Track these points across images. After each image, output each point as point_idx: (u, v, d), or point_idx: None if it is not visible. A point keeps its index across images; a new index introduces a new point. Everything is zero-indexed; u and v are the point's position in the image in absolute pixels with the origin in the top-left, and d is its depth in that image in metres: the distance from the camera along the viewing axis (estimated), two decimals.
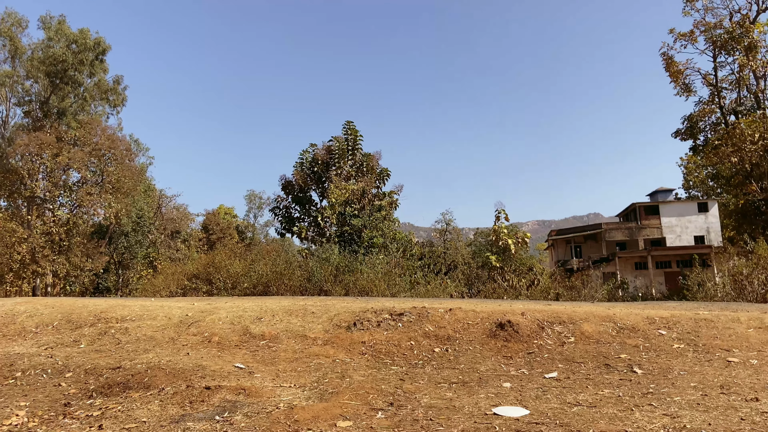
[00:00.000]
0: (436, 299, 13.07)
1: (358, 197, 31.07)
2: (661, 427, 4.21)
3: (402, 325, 7.72)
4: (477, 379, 5.88)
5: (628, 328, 7.46)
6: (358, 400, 4.95)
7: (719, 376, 5.81)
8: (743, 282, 16.58)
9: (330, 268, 18.14)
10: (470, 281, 26.09)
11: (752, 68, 38.30)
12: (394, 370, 6.28)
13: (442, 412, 4.62)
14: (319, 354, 6.84)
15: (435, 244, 37.89)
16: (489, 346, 7.07)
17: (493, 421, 4.36)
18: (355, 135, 34.07)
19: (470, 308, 8.36)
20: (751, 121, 35.83)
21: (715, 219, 50.25)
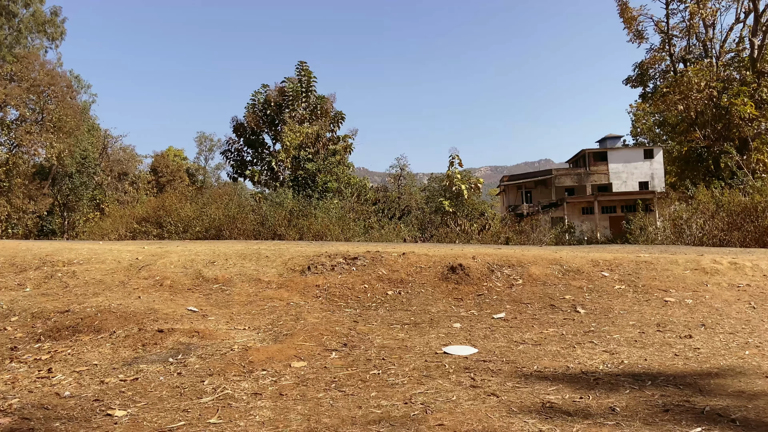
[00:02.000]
0: (390, 243, 13.21)
1: (312, 141, 30.61)
2: (601, 363, 4.45)
3: (356, 268, 7.80)
4: (428, 320, 6.04)
5: (574, 270, 7.76)
6: (313, 342, 5.02)
7: (656, 315, 6.15)
8: (682, 226, 17.38)
9: (284, 212, 18.00)
10: (424, 226, 26.44)
11: (702, 16, 38.88)
12: (347, 312, 6.38)
13: (394, 351, 4.74)
14: (273, 297, 6.86)
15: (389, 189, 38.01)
16: (441, 289, 7.24)
17: (443, 359, 4.52)
18: (309, 76, 33.20)
19: (423, 252, 8.49)
20: (698, 70, 36.69)
21: (659, 165, 52.08)
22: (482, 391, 3.71)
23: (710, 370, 4.24)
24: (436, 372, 4.16)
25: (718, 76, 36.93)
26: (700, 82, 35.73)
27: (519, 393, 3.66)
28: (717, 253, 8.92)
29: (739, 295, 6.88)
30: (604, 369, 4.27)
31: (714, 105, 36.17)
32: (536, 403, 3.45)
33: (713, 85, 35.84)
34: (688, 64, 40.25)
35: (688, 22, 40.23)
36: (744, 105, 33.95)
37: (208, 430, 3.09)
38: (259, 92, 33.65)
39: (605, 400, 3.52)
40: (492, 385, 3.83)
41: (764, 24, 36.57)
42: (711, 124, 36.74)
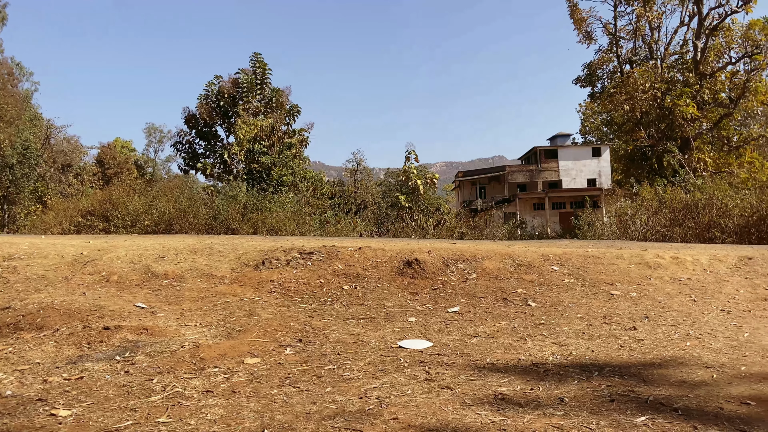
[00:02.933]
0: (346, 238, 13.19)
1: (267, 134, 30.19)
2: (550, 355, 4.56)
3: (311, 263, 7.75)
4: (384, 314, 6.06)
5: (525, 264, 7.92)
6: (266, 338, 4.96)
7: (603, 308, 6.35)
8: (627, 222, 18.01)
9: (237, 206, 17.71)
10: (380, 220, 26.51)
11: (648, 19, 40.24)
12: (303, 307, 6.33)
13: (349, 346, 4.74)
14: (226, 293, 6.74)
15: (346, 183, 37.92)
16: (396, 283, 7.28)
17: (399, 353, 4.54)
18: (264, 68, 32.70)
19: (379, 247, 8.51)
20: (644, 71, 37.98)
21: (606, 163, 53.73)
22: (437, 384, 3.75)
23: (653, 361, 4.41)
24: (392, 366, 4.18)
25: (663, 77, 38.34)
26: (646, 83, 37.00)
27: (472, 385, 3.72)
28: (660, 248, 9.26)
29: (681, 288, 7.17)
30: (554, 360, 4.38)
31: (658, 105, 37.54)
32: (489, 395, 3.51)
33: (658, 86, 37.18)
34: (635, 65, 41.62)
35: (634, 25, 41.60)
36: (686, 106, 35.35)
37: (158, 429, 3.02)
38: (212, 83, 32.94)
39: (554, 390, 3.62)
40: (446, 378, 3.88)
41: (707, 27, 38.15)
42: (655, 124, 38.12)
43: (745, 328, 5.61)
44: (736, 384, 3.79)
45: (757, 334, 5.43)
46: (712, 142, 38.79)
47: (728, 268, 7.80)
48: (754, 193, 16.02)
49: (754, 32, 35.99)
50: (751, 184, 19.71)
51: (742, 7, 36.44)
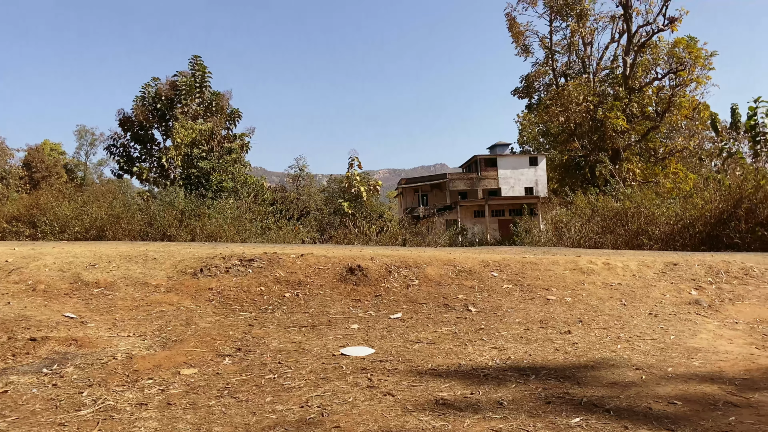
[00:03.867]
0: (288, 245, 13.03)
1: (206, 138, 29.50)
2: (490, 359, 4.65)
3: (252, 270, 7.61)
4: (326, 321, 6.02)
5: (466, 270, 8.06)
6: (204, 347, 4.83)
7: (539, 313, 6.54)
8: (563, 229, 18.63)
9: (175, 212, 17.18)
10: (322, 227, 26.35)
11: (581, 35, 41.98)
12: (242, 316, 6.20)
13: (291, 354, 4.68)
14: (161, 301, 6.52)
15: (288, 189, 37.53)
16: (339, 290, 7.25)
17: (341, 361, 4.52)
18: (204, 71, 32.00)
19: (322, 254, 8.46)
20: (578, 84, 39.56)
21: (543, 172, 55.51)
22: (379, 391, 3.75)
23: (587, 363, 4.57)
24: (334, 374, 4.15)
25: (595, 91, 40.05)
26: (579, 96, 38.54)
27: (414, 391, 3.74)
28: (593, 255, 9.63)
29: (612, 293, 7.47)
30: (493, 365, 4.47)
31: (591, 118, 39.15)
32: (430, 401, 3.54)
33: (590, 99, 38.79)
34: (569, 78, 43.28)
35: (569, 40, 43.29)
36: (617, 118, 37.05)
37: None
38: (149, 85, 31.94)
39: (494, 394, 3.69)
40: (388, 385, 3.88)
41: (636, 44, 40.14)
42: (588, 136, 39.73)
43: (671, 331, 5.91)
44: (663, 384, 3.98)
45: (682, 336, 5.73)
46: (641, 153, 40.77)
47: (655, 274, 8.19)
48: (678, 202, 16.91)
49: (679, 50, 38.16)
50: (675, 193, 20.85)
51: (667, 26, 38.59)
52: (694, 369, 4.42)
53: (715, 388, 3.86)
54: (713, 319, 6.49)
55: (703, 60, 37.85)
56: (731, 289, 7.47)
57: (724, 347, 5.30)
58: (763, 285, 7.56)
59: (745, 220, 13.82)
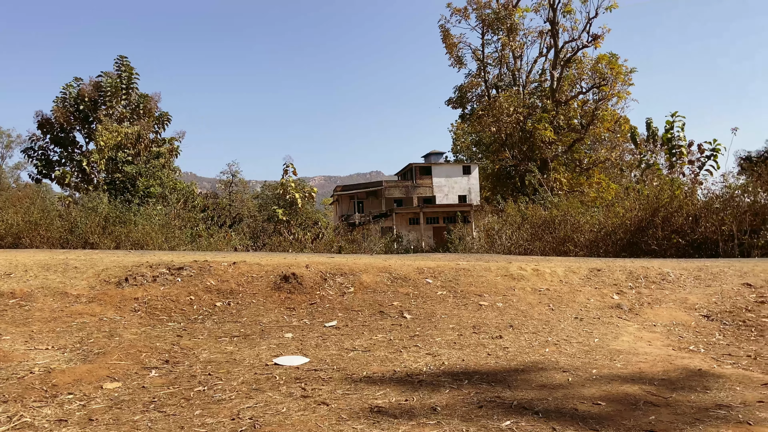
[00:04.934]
0: (220, 253, 12.70)
1: (132, 142, 28.38)
2: (424, 365, 4.69)
3: (181, 279, 7.35)
4: (259, 331, 5.89)
5: (401, 277, 8.11)
6: (129, 360, 4.61)
7: (472, 318, 6.66)
8: (494, 236, 19.13)
9: (98, 218, 16.39)
10: (256, 234, 25.86)
11: (512, 48, 43.44)
12: (171, 326, 5.98)
13: (221, 365, 4.54)
14: (83, 312, 6.19)
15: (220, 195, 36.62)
16: (273, 299, 7.12)
17: (274, 371, 4.43)
18: (130, 72, 30.81)
19: (255, 261, 8.29)
20: (508, 96, 40.88)
21: (475, 181, 56.85)
22: (313, 400, 3.70)
23: (517, 367, 4.69)
24: (266, 384, 4.06)
25: (525, 103, 41.51)
26: (510, 108, 39.82)
27: (349, 400, 3.71)
28: (523, 261, 9.93)
29: (541, 298, 7.72)
30: (427, 371, 4.51)
31: (521, 129, 40.52)
32: (365, 408, 3.52)
33: (520, 111, 40.17)
34: (500, 90, 44.65)
35: (500, 53, 44.69)
36: (545, 130, 38.53)
37: None
38: (70, 85, 30.43)
39: (428, 400, 3.71)
40: (323, 394, 3.84)
41: (562, 59, 41.93)
42: (518, 146, 41.09)
43: (595, 334, 6.16)
44: (588, 386, 4.13)
45: (606, 339, 5.98)
46: (567, 163, 42.54)
47: (581, 279, 8.54)
48: (601, 210, 17.73)
49: (602, 66, 40.19)
50: (599, 202, 21.87)
51: (591, 43, 40.57)
52: (616, 370, 4.62)
53: (636, 389, 4.05)
54: (634, 322, 6.83)
55: (623, 76, 40.02)
56: (650, 294, 7.88)
57: (643, 349, 5.57)
58: (678, 289, 8.02)
59: (662, 227, 14.65)
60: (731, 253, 13.41)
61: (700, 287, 8.03)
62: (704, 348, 5.79)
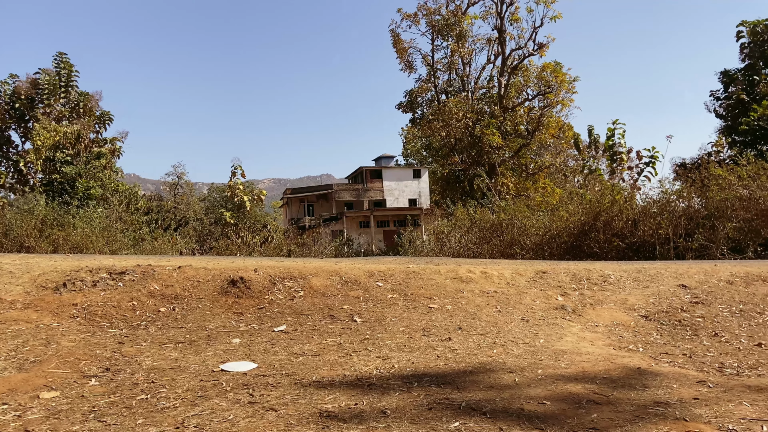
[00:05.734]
0: (165, 256, 12.35)
1: (72, 142, 27.28)
2: (374, 368, 4.69)
3: (123, 284, 7.10)
4: (206, 337, 5.76)
5: (352, 281, 8.09)
6: (68, 368, 4.42)
7: (422, 321, 6.71)
8: (444, 239, 19.36)
9: (34, 221, 15.66)
10: (202, 238, 25.30)
11: (461, 54, 44.15)
12: (112, 333, 5.76)
13: (165, 373, 4.41)
14: (18, 319, 5.89)
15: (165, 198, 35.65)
16: (220, 303, 6.97)
17: (221, 377, 4.33)
18: (70, 70, 29.66)
19: (201, 265, 8.10)
20: (458, 101, 41.52)
21: (425, 185, 57.39)
22: (261, 406, 3.64)
23: (466, 369, 4.75)
24: (213, 391, 3.97)
25: (473, 108, 42.25)
26: (459, 113, 40.45)
27: (298, 405, 3.67)
28: (471, 264, 10.08)
29: (489, 300, 7.86)
30: (377, 374, 4.51)
31: (470, 134, 41.21)
32: (314, 413, 3.49)
33: (469, 116, 40.85)
34: (450, 95, 45.30)
35: (449, 59, 45.35)
36: (493, 135, 39.30)
37: None
38: (5, 82, 29.01)
39: (378, 403, 3.71)
40: (271, 400, 3.78)
41: (509, 66, 42.90)
42: (467, 151, 41.76)
43: (540, 335, 6.31)
44: (534, 386, 4.23)
45: (550, 339, 6.14)
46: (514, 168, 43.53)
47: (527, 281, 8.74)
48: (546, 214, 18.22)
49: (547, 74, 41.36)
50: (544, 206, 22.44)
51: (537, 51, 41.69)
52: (561, 370, 4.75)
53: (579, 388, 4.17)
54: (577, 323, 7.04)
55: (567, 84, 41.31)
56: (592, 295, 8.15)
57: (586, 349, 5.75)
58: (618, 290, 8.32)
59: (603, 231, 15.18)
60: (667, 256, 14.03)
61: (639, 288, 8.35)
62: (643, 347, 6.02)
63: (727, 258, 13.38)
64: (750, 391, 4.09)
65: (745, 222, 14.01)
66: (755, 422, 3.32)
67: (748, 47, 32.47)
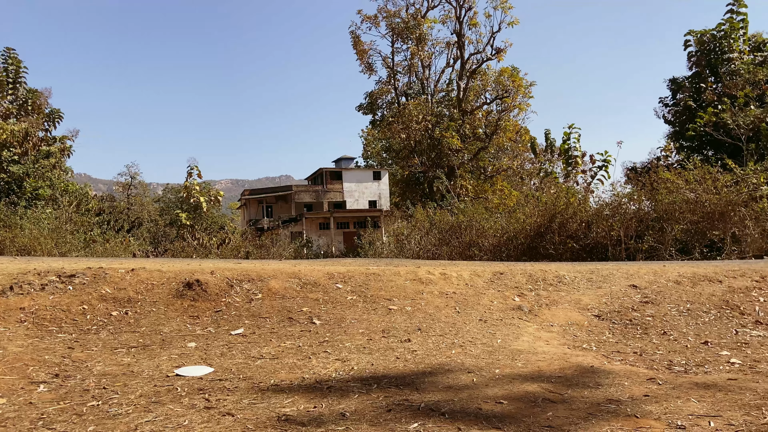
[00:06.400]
0: (117, 259, 12.01)
1: (19, 140, 26.24)
2: (334, 371, 4.67)
3: (73, 287, 6.86)
4: (160, 341, 5.62)
5: (311, 283, 8.04)
6: (15, 374, 4.24)
7: (382, 322, 6.72)
8: (404, 241, 19.45)
9: None
10: (157, 239, 24.72)
11: (420, 57, 44.49)
12: (61, 338, 5.56)
13: (118, 378, 4.28)
14: None
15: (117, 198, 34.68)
16: (175, 307, 6.81)
17: (175, 382, 4.23)
18: (18, 66, 28.55)
19: (156, 268, 7.90)
20: (417, 104, 41.81)
21: (385, 186, 57.55)
22: (217, 411, 3.57)
23: (425, 370, 4.78)
24: (167, 397, 3.88)
25: (433, 111, 42.63)
26: (419, 115, 40.74)
27: (255, 409, 3.62)
28: (431, 265, 10.15)
29: (447, 301, 7.93)
30: (337, 376, 4.49)
31: (429, 136, 41.55)
32: (272, 418, 3.45)
33: (429, 119, 41.19)
34: (409, 98, 45.57)
35: (409, 61, 45.64)
36: (452, 138, 39.73)
37: None
38: None
39: (337, 406, 3.70)
40: (228, 404, 3.71)
41: (468, 70, 43.45)
42: (427, 153, 42.08)
43: (498, 335, 6.41)
44: (491, 386, 4.29)
45: (508, 339, 6.24)
46: (472, 171, 44.12)
47: (485, 282, 8.86)
48: (504, 216, 18.52)
49: (504, 78, 42.09)
50: (502, 208, 22.82)
51: (495, 56, 42.38)
52: (518, 370, 4.83)
53: (535, 387, 4.25)
54: (533, 323, 7.17)
55: (524, 89, 42.13)
56: (548, 295, 8.32)
57: (542, 348, 5.87)
58: (573, 291, 8.52)
59: (559, 233, 15.53)
60: (619, 257, 14.45)
61: (592, 289, 8.57)
62: (596, 346, 6.19)
63: (675, 259, 13.88)
64: (697, 387, 4.25)
65: (691, 224, 14.56)
66: (702, 418, 3.45)
67: (696, 56, 33.81)
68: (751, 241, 14.76)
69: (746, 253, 14.54)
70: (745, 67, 30.19)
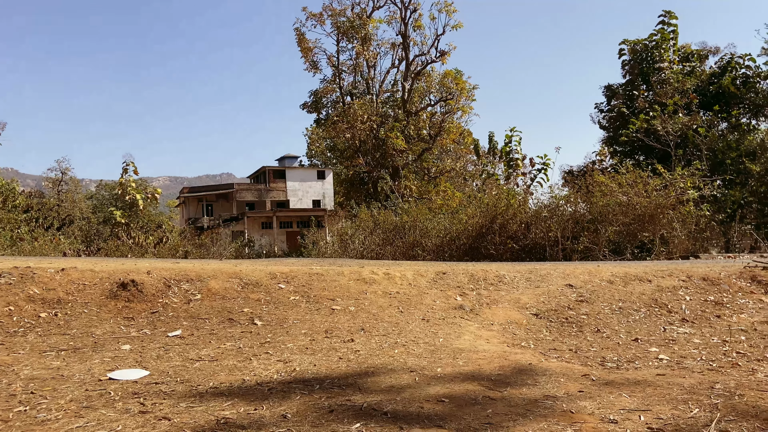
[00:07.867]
0: (46, 258, 11.43)
1: None
2: (275, 372, 4.60)
3: None
4: (92, 343, 5.39)
5: (253, 283, 7.90)
6: None
7: (325, 323, 6.68)
8: (348, 241, 19.42)
9: None
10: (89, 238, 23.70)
11: (366, 57, 44.56)
12: None
13: (47, 383, 4.07)
14: None
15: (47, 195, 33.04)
16: (108, 308, 6.55)
17: (108, 386, 4.07)
18: None
19: (88, 267, 7.57)
20: (363, 104, 41.83)
21: (330, 186, 57.31)
22: (153, 416, 3.45)
23: (368, 370, 4.78)
24: (99, 401, 3.72)
25: (378, 111, 42.77)
26: (364, 115, 40.79)
27: (193, 413, 3.52)
28: (375, 265, 10.18)
29: (391, 301, 7.97)
30: (278, 378, 4.43)
31: (374, 136, 41.68)
32: (211, 421, 3.36)
33: (374, 119, 41.31)
34: (354, 97, 45.56)
35: (354, 61, 45.63)
36: (396, 138, 39.98)
37: None
38: None
39: (278, 408, 3.65)
40: (164, 408, 3.60)
41: (413, 72, 43.85)
42: (372, 153, 42.19)
43: (440, 334, 6.49)
44: (433, 385, 4.33)
45: (449, 338, 6.33)
46: (417, 171, 44.56)
47: (428, 282, 8.95)
48: (447, 217, 18.79)
49: (448, 81, 42.74)
50: (445, 209, 23.15)
51: (439, 58, 42.98)
52: (459, 368, 4.90)
53: (476, 385, 4.32)
54: (474, 322, 7.30)
55: (467, 92, 42.91)
56: (488, 295, 8.50)
57: (483, 347, 5.98)
58: (512, 290, 8.74)
59: (499, 233, 15.90)
60: (556, 257, 14.93)
61: (531, 288, 8.82)
62: (534, 344, 6.36)
63: (608, 259, 14.46)
64: (629, 383, 4.44)
65: (624, 226, 15.21)
66: (633, 412, 3.61)
67: (629, 64, 35.36)
68: (678, 242, 15.58)
69: (674, 254, 15.34)
70: (675, 77, 31.83)
